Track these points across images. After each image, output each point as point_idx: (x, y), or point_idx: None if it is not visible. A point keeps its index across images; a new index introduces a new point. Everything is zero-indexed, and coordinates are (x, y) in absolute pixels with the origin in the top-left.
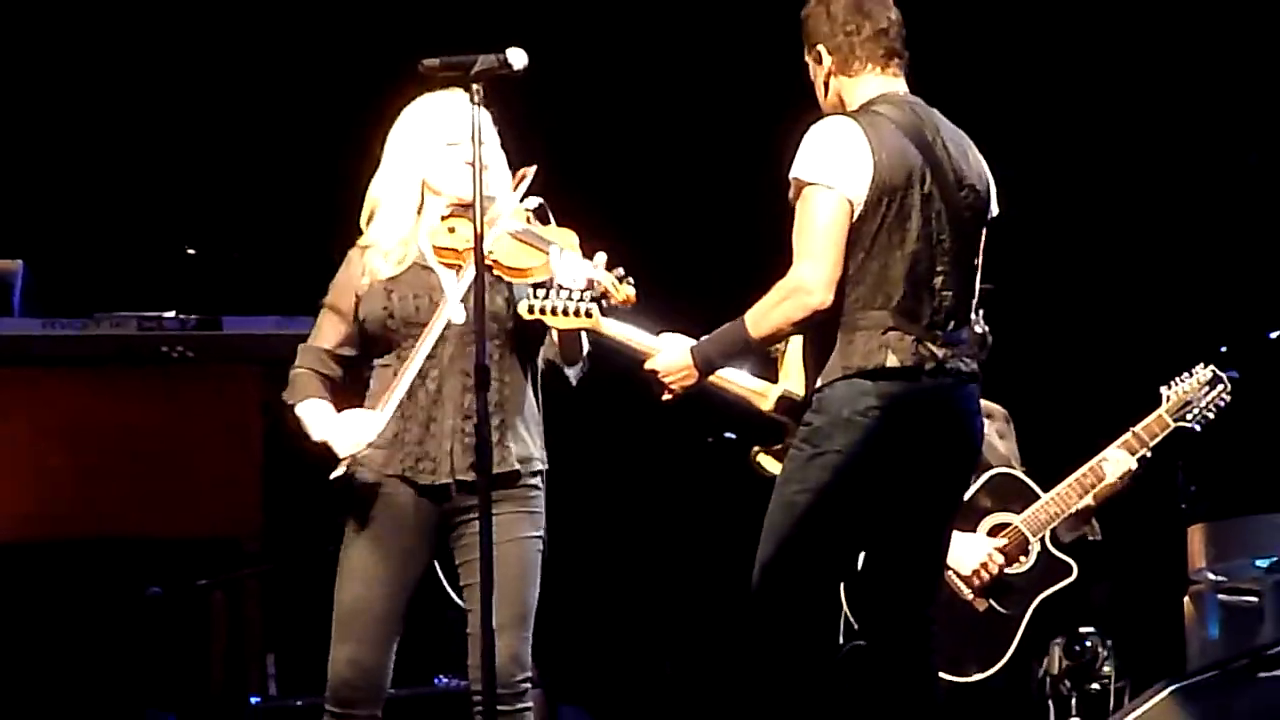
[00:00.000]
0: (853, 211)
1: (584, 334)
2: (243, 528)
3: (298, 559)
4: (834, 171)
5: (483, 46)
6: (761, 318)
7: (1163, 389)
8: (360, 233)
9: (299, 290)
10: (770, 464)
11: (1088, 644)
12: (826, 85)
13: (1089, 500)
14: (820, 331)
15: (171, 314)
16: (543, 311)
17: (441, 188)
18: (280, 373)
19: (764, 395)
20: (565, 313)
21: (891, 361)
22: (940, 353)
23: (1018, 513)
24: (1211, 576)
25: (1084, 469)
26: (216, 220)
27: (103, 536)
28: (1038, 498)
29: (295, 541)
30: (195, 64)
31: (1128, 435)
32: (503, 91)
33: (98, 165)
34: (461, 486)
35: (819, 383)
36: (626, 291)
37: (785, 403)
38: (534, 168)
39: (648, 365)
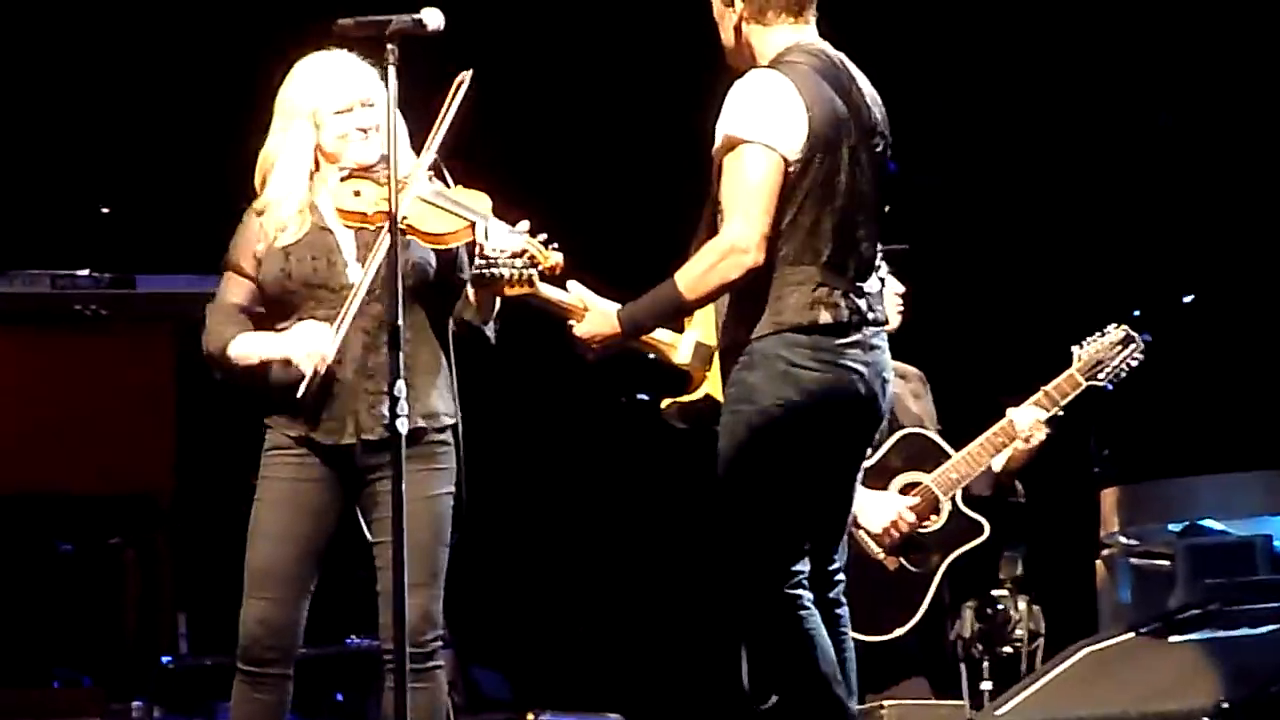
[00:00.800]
0: (786, 168)
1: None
2: (155, 485)
3: (209, 517)
4: (768, 128)
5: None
6: (697, 280)
7: (1074, 348)
8: (255, 194)
9: (212, 249)
10: (675, 401)
11: (1000, 607)
12: (737, 31)
13: (1004, 459)
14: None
15: (85, 272)
16: (493, 279)
17: (335, 153)
18: (194, 330)
19: (674, 346)
20: (511, 282)
21: (824, 318)
22: (862, 305)
23: (928, 472)
24: (1124, 540)
25: (994, 429)
26: (130, 177)
27: (15, 493)
28: (948, 457)
29: (206, 500)
30: (106, 17)
31: (1038, 394)
32: (415, 51)
33: (10, 121)
34: (366, 446)
35: (751, 337)
36: (555, 258)
37: (703, 351)
38: (469, 73)
39: (576, 331)
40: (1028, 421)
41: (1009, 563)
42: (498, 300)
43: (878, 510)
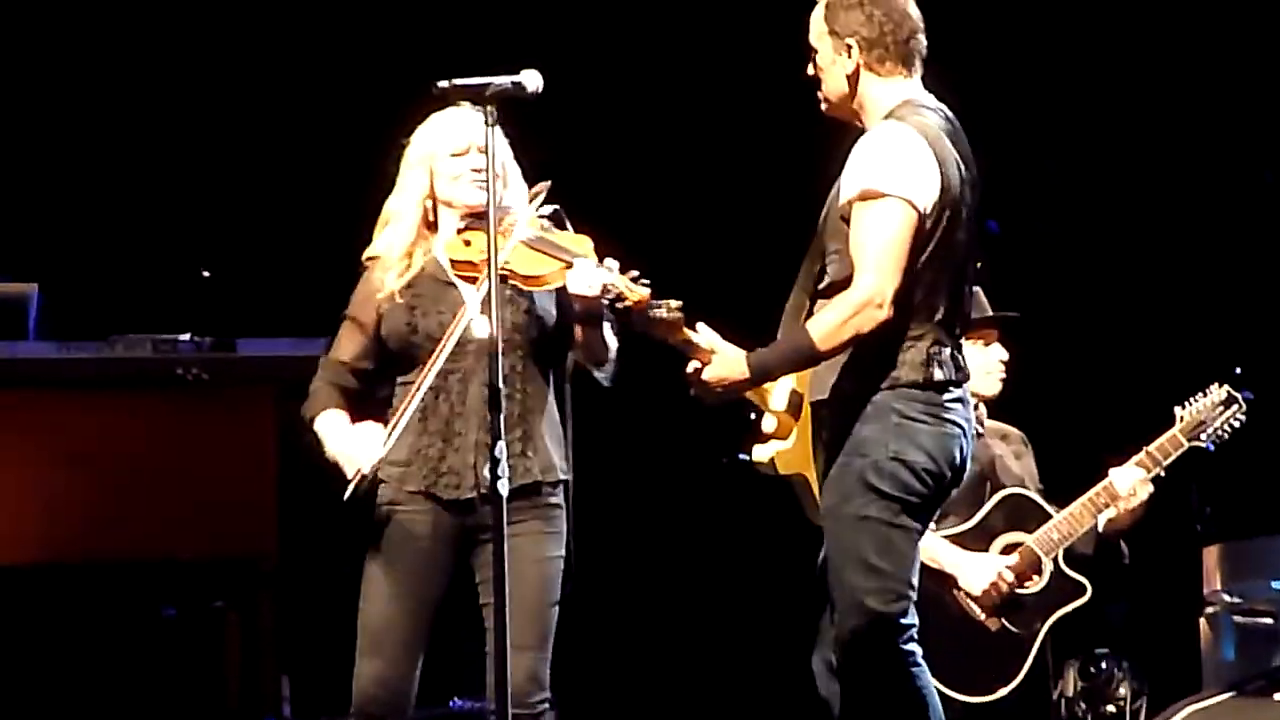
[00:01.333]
0: (921, 225)
1: (609, 335)
2: (258, 548)
3: (313, 579)
4: (907, 182)
5: (507, 63)
6: (832, 332)
7: (1177, 409)
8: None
9: (313, 312)
10: (765, 451)
11: (1103, 665)
12: (850, 81)
13: (1106, 519)
14: None
15: (186, 336)
16: (595, 317)
17: (449, 198)
18: (296, 393)
19: (769, 391)
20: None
21: (939, 375)
22: (962, 361)
23: (1030, 533)
24: (1227, 598)
25: (1097, 488)
26: (231, 242)
27: (118, 559)
28: (1050, 517)
29: (310, 562)
30: (212, 85)
31: (1141, 454)
32: (520, 107)
33: (112, 187)
34: (486, 500)
35: (866, 390)
36: (640, 293)
37: (795, 399)
38: (548, 183)
39: (705, 375)
40: (1130, 482)
41: (1113, 620)
42: (607, 344)
43: (978, 572)
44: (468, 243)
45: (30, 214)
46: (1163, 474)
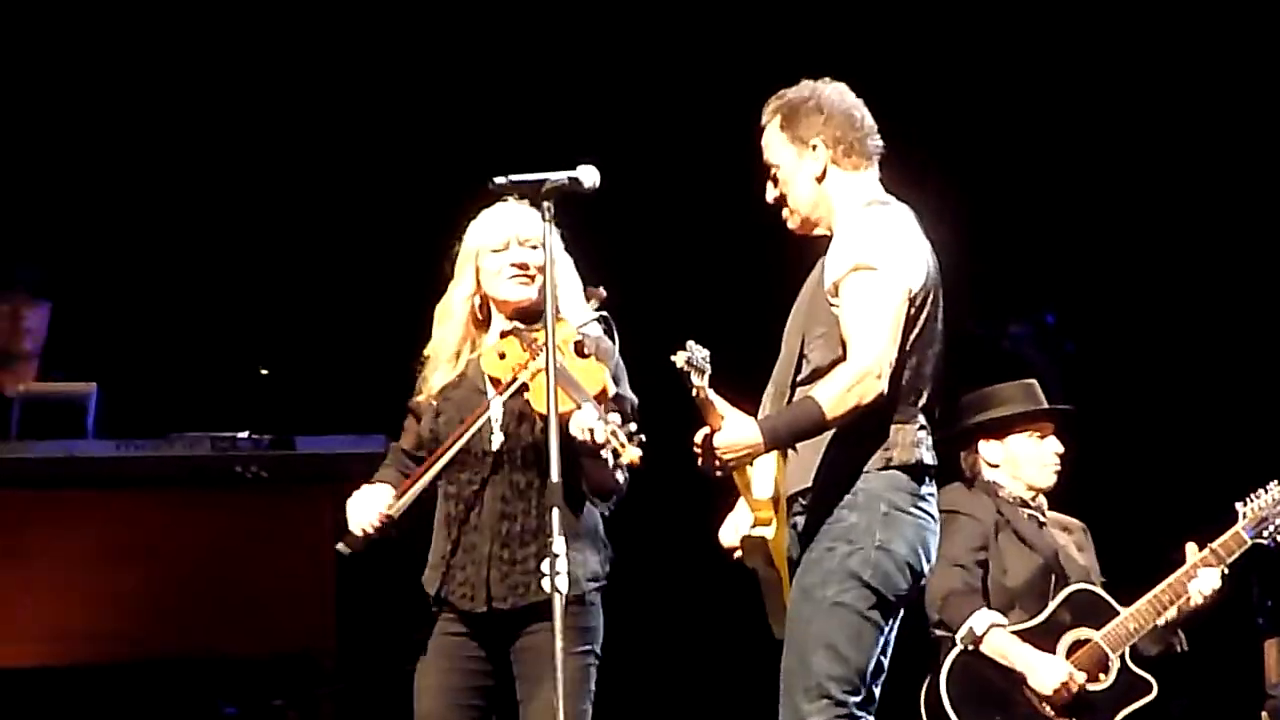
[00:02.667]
0: (911, 303)
1: (616, 471)
2: (317, 646)
3: (372, 677)
4: (898, 260)
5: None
6: (838, 400)
7: (1238, 505)
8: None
9: (372, 409)
10: (733, 537)
11: None
12: (819, 181)
13: (1172, 614)
14: None
15: (245, 434)
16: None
17: (494, 294)
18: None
19: (750, 479)
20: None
21: (928, 459)
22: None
23: (1097, 629)
24: None
25: (1163, 585)
26: (290, 339)
27: (178, 656)
28: (1117, 614)
29: (370, 660)
30: (274, 182)
31: (1205, 551)
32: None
33: (173, 286)
34: (502, 615)
35: (857, 473)
36: (633, 454)
37: (777, 490)
38: (602, 292)
39: (716, 440)
40: (1204, 582)
41: (1175, 713)
42: (607, 479)
43: (1050, 672)
44: (502, 355)
45: (90, 313)
46: (1226, 570)
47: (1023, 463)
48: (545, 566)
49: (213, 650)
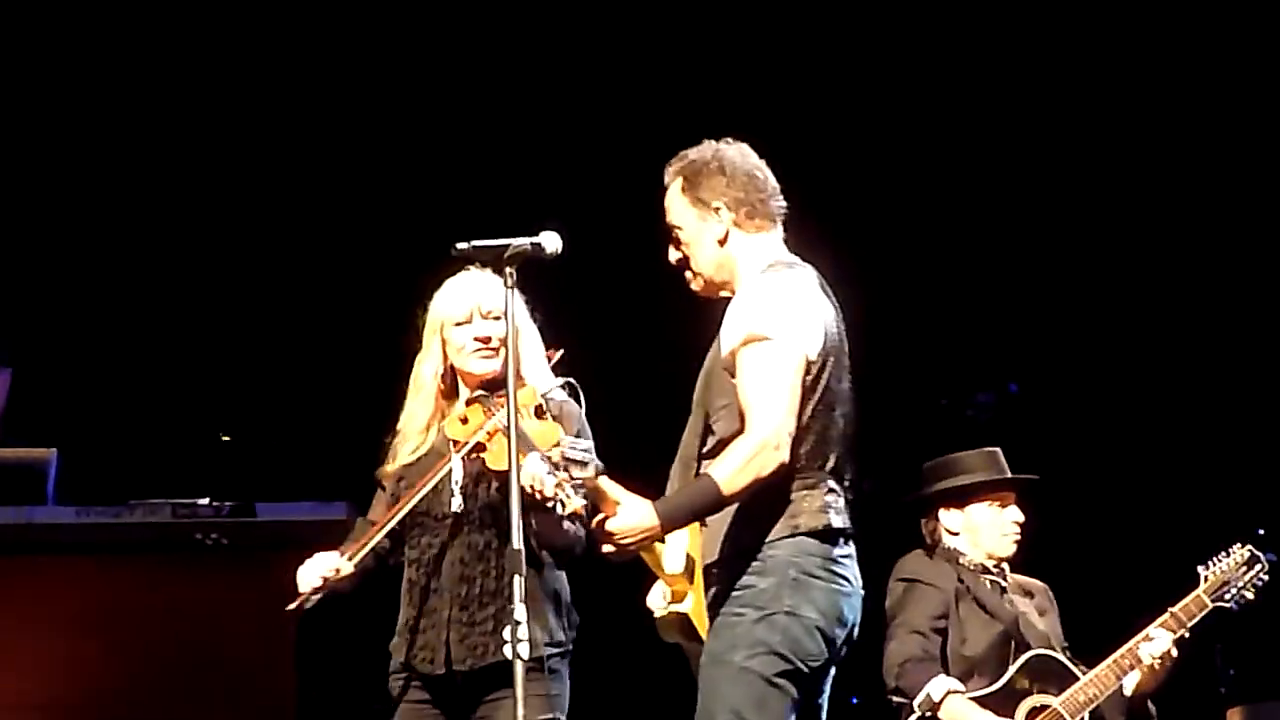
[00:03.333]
0: (809, 369)
1: (565, 525)
2: (278, 715)
3: None
4: (792, 327)
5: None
6: (735, 475)
7: (1200, 569)
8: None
9: (333, 476)
10: (660, 610)
11: None
12: (721, 244)
13: (1135, 679)
14: None
15: (205, 501)
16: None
17: (460, 367)
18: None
19: (662, 555)
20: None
21: (836, 523)
22: (850, 515)
23: (1056, 694)
24: None
25: (1122, 650)
26: (250, 406)
27: None
28: (1076, 679)
29: None
30: (233, 249)
31: (1166, 616)
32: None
33: (131, 353)
34: (462, 677)
35: (765, 541)
36: (576, 503)
37: (690, 563)
38: (560, 352)
39: (609, 525)
40: (1158, 645)
41: None
42: (554, 533)
43: None
44: (464, 420)
45: (49, 380)
46: (1187, 635)
47: (982, 531)
48: (507, 633)
49: None
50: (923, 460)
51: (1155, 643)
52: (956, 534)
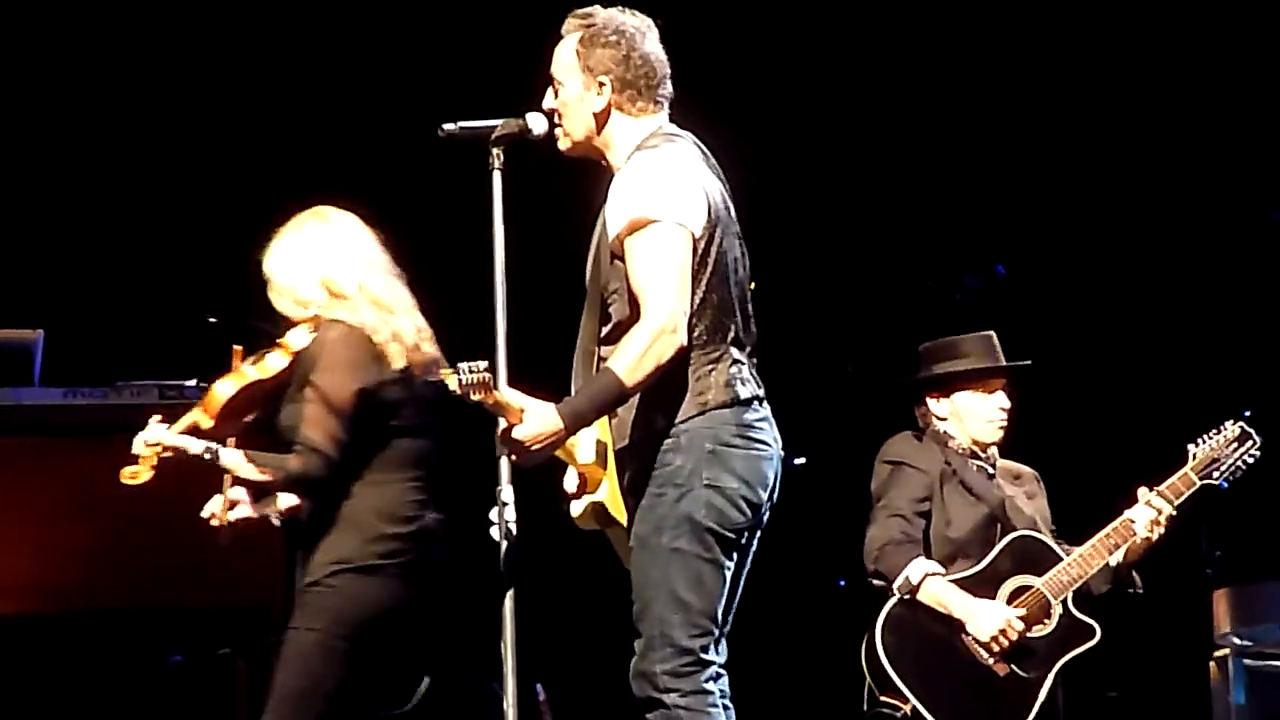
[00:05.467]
0: (696, 246)
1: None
2: (266, 596)
3: None
4: (675, 206)
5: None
6: (634, 365)
7: (1190, 446)
8: None
9: None
10: (579, 507)
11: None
12: (598, 118)
13: (1119, 557)
14: None
15: (193, 382)
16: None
17: None
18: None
19: (575, 445)
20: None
21: (744, 393)
22: (758, 379)
23: (1039, 575)
24: (1237, 641)
25: (1108, 529)
26: (237, 287)
27: (125, 607)
28: (1060, 560)
29: None
30: (217, 127)
31: (1152, 493)
32: None
33: (117, 233)
34: None
35: (676, 420)
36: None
37: (601, 449)
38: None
39: (515, 433)
40: (1143, 521)
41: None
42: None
43: (987, 618)
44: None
45: (35, 261)
46: (1174, 512)
47: (967, 418)
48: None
49: (160, 600)
50: (909, 344)
51: (1144, 520)
52: (944, 419)
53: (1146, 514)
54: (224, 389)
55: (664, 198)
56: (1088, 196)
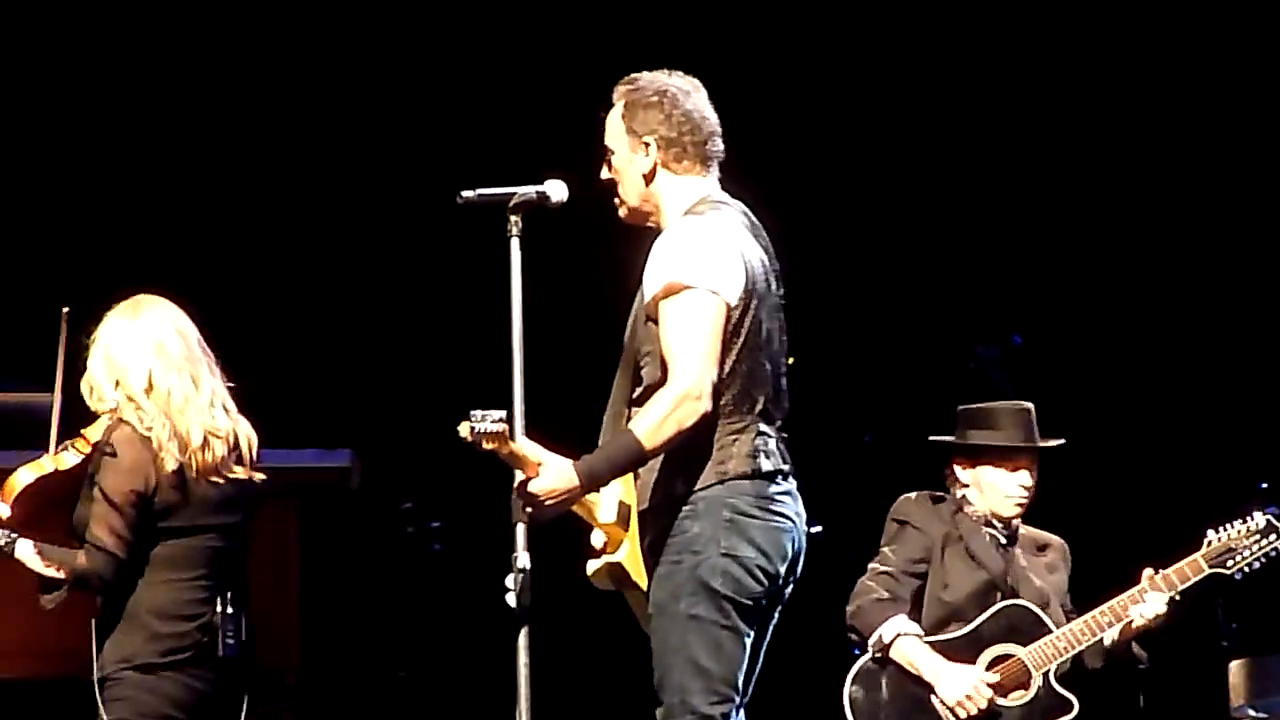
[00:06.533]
0: (730, 315)
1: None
2: (281, 662)
3: (335, 693)
4: (711, 274)
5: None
6: (655, 429)
7: (1209, 532)
8: None
9: (337, 423)
10: (596, 565)
11: None
12: (647, 179)
13: (1114, 635)
14: None
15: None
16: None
17: None
18: (319, 505)
19: (597, 504)
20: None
21: (766, 466)
22: (786, 453)
23: (1023, 645)
24: (1252, 713)
25: (1103, 606)
26: (257, 353)
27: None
28: (1049, 632)
29: (333, 675)
30: (248, 194)
31: (1157, 577)
32: None
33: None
34: None
35: (695, 488)
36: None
37: (624, 510)
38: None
39: (531, 487)
40: (1139, 603)
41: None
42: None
43: (955, 682)
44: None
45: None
46: (1178, 598)
47: (988, 491)
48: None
49: None
50: (926, 413)
51: (1146, 605)
52: (966, 486)
53: (1153, 600)
54: (21, 478)
55: (701, 264)
56: (1110, 266)
